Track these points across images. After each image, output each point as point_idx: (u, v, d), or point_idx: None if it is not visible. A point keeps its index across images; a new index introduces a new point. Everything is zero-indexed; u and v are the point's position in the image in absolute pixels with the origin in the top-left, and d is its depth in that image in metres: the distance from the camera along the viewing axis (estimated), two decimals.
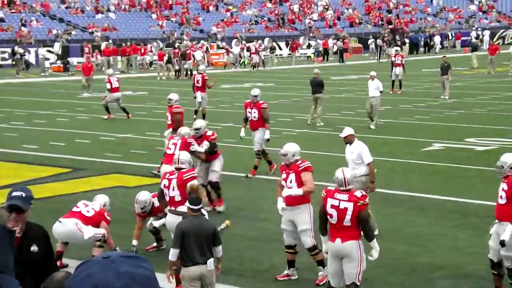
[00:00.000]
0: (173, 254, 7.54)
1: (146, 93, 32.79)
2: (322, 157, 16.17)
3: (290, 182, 8.98)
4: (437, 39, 57.94)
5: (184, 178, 9.07)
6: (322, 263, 8.82)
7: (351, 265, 7.70)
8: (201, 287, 7.54)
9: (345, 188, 7.81)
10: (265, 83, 36.37)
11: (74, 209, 9.72)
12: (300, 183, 8.89)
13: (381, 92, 21.23)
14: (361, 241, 7.78)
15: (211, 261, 7.48)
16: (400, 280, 9.09)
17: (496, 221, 8.33)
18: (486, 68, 38.08)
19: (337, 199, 7.77)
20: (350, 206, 7.67)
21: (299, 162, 9.07)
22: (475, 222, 11.29)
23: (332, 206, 7.77)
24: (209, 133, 12.74)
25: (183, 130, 12.85)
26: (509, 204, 8.08)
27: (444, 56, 28.90)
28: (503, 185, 8.21)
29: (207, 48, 49.30)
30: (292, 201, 8.95)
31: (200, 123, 13.10)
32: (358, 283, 7.73)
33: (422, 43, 57.98)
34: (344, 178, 7.85)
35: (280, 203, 9.14)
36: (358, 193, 7.78)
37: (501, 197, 8.20)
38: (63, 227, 9.37)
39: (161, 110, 26.06)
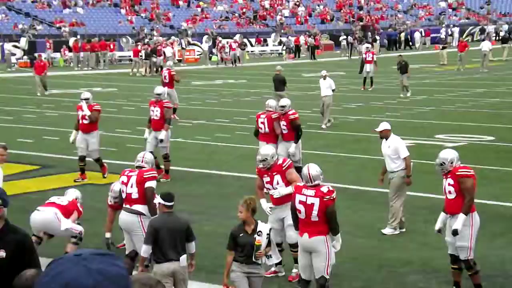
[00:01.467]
0: (145, 250, 7.53)
1: (115, 89, 32.55)
2: None
3: (277, 183, 9.00)
4: (417, 35, 58.40)
5: (144, 177, 9.01)
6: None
7: (319, 259, 7.77)
8: (174, 284, 7.51)
9: (311, 184, 7.85)
10: (237, 79, 36.34)
11: (48, 201, 9.66)
12: (287, 182, 8.92)
13: (333, 90, 21.05)
14: (329, 236, 7.83)
15: (184, 257, 7.47)
16: (370, 275, 9.15)
17: (448, 216, 8.45)
18: (456, 65, 38.48)
19: (305, 194, 7.83)
20: (316, 201, 7.72)
21: (280, 162, 9.08)
22: None
23: (300, 202, 7.84)
24: (291, 112, 13.42)
25: (271, 102, 13.84)
26: (458, 198, 8.25)
27: (400, 55, 28.92)
28: (449, 181, 8.36)
29: (181, 44, 49.12)
30: (281, 201, 8.94)
31: (285, 101, 13.70)
32: (327, 276, 7.79)
33: (403, 39, 58.36)
34: (309, 174, 7.88)
35: (265, 204, 9.12)
36: (324, 189, 7.79)
37: (449, 192, 8.35)
38: (41, 215, 9.32)
39: (131, 107, 25.94)
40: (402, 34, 59.00)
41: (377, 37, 54.69)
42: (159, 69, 39.87)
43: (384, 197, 12.95)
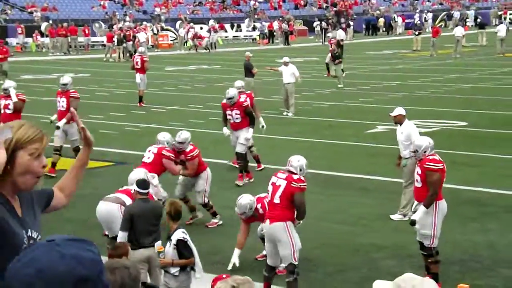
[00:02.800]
0: (121, 237, 7.55)
1: (88, 75, 32.27)
2: (267, 140, 16.20)
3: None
4: (399, 20, 58.64)
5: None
6: None
7: (283, 247, 7.83)
8: (149, 270, 7.50)
9: (287, 168, 8.02)
10: (210, 65, 36.21)
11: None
12: None
13: (296, 76, 20.86)
14: (290, 223, 7.86)
15: (159, 243, 7.47)
16: (344, 260, 9.19)
17: (416, 202, 8.54)
18: (429, 51, 38.70)
19: (278, 177, 8.04)
20: (283, 184, 7.87)
21: (262, 212, 8.64)
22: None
23: (272, 183, 8.04)
24: (242, 99, 13.15)
25: (238, 84, 13.92)
26: (424, 187, 8.32)
27: (332, 45, 28.34)
28: (417, 169, 8.42)
29: (152, 30, 48.75)
30: None
31: (232, 91, 13.27)
32: (296, 263, 7.84)
33: (384, 24, 58.62)
34: (290, 160, 8.09)
35: (235, 258, 8.82)
36: (295, 176, 7.93)
37: (417, 180, 8.43)
38: (134, 175, 9.90)
39: (104, 93, 25.72)
40: (381, 20, 59.22)
41: (351, 23, 54.79)
42: (133, 54, 39.68)
43: (357, 182, 13.04)
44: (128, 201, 8.31)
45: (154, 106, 22.15)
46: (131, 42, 39.97)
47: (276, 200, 7.85)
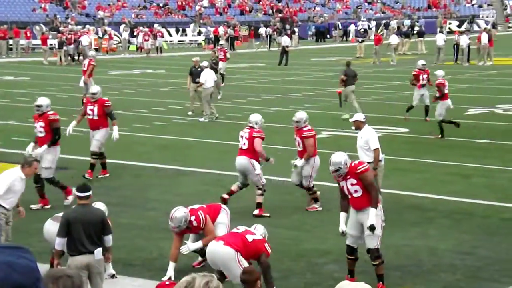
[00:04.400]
0: (58, 243, 7.37)
1: (28, 78, 31.64)
2: (213, 145, 16.16)
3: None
4: (352, 27, 59.32)
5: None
6: None
7: (232, 274, 7.74)
8: (89, 277, 7.36)
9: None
10: (155, 69, 35.96)
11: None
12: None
13: (215, 81, 20.63)
14: (240, 255, 7.81)
15: (99, 250, 7.33)
16: (288, 265, 9.20)
17: (356, 211, 8.53)
18: (372, 58, 39.27)
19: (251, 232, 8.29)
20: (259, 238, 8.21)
21: (195, 224, 8.71)
22: None
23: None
24: (51, 112, 12.65)
25: (94, 89, 14.24)
26: (365, 194, 8.37)
27: (214, 52, 26.94)
28: (351, 181, 8.41)
29: (97, 33, 48.13)
30: None
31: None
32: None
33: (338, 31, 59.33)
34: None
35: (171, 271, 8.67)
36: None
37: (355, 191, 8.42)
38: (241, 160, 11.30)
39: (45, 97, 25.19)
40: (340, 26, 59.83)
41: (296, 29, 55.22)
42: (74, 57, 39.24)
43: (301, 187, 13.06)
44: None
45: None
46: (72, 46, 39.45)
47: (250, 239, 7.95)
